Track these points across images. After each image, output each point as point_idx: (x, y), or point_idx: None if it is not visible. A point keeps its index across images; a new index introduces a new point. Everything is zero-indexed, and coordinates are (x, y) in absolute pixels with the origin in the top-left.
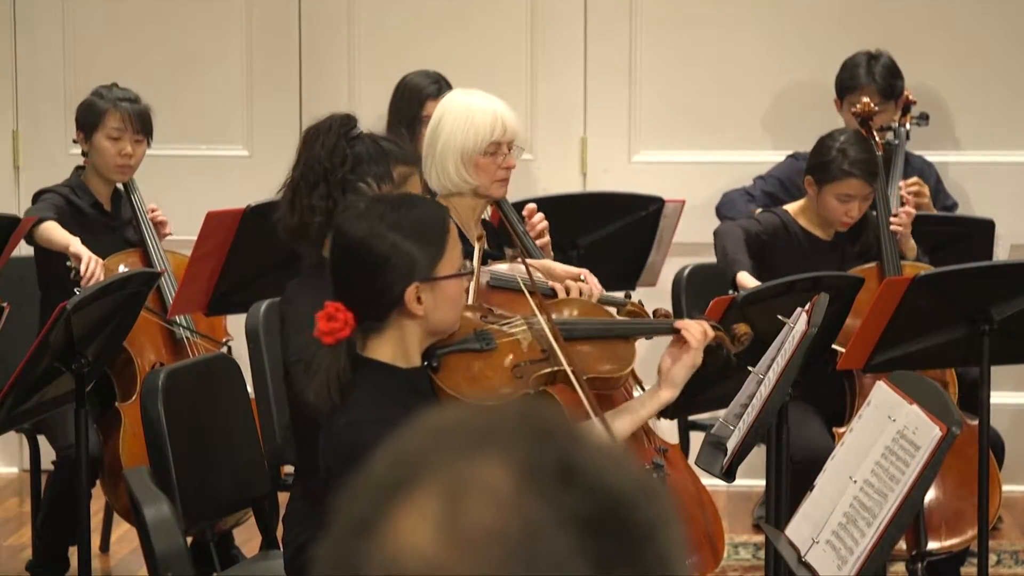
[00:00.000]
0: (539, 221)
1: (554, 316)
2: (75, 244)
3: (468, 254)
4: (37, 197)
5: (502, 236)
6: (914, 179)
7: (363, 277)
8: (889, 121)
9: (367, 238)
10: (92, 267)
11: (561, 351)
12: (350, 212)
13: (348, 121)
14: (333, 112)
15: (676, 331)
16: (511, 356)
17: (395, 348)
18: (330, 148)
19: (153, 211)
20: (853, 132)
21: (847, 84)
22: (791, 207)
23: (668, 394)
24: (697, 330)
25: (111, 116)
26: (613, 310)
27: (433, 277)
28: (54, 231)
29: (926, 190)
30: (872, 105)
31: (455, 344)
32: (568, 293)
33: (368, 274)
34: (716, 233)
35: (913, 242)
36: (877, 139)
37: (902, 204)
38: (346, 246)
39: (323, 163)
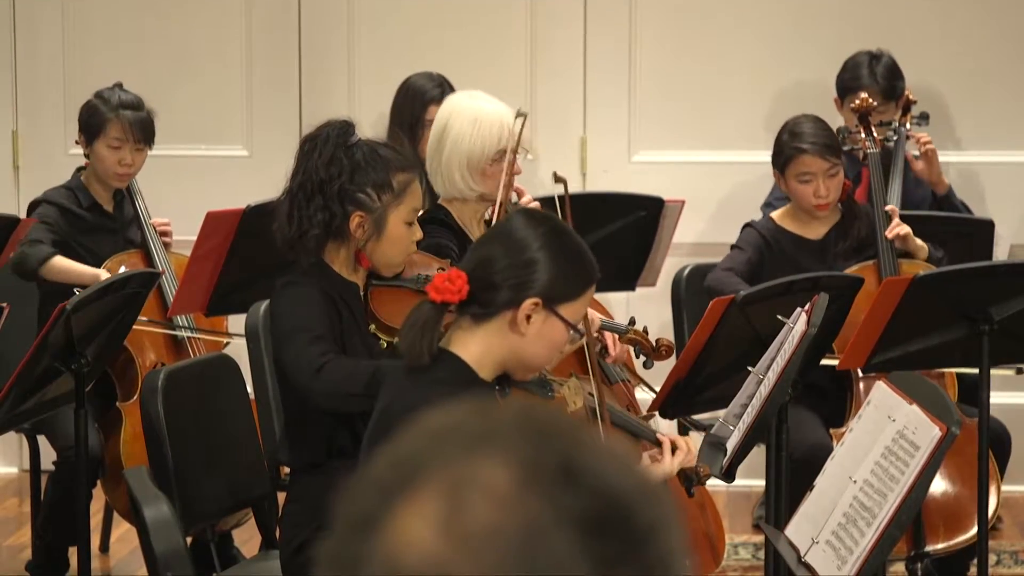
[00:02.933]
0: (529, 201)
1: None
2: (104, 276)
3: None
4: (33, 207)
5: None
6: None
7: (502, 263)
8: (889, 120)
9: (531, 238)
10: None
11: (604, 428)
12: (535, 212)
13: (346, 129)
14: (331, 119)
15: (659, 443)
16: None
17: (479, 352)
18: (327, 159)
19: (162, 225)
20: (803, 114)
21: (849, 85)
22: (777, 213)
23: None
24: (680, 453)
25: (112, 126)
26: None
27: (554, 308)
28: (68, 266)
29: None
30: (870, 100)
31: (527, 383)
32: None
33: (508, 264)
34: (708, 288)
35: (920, 242)
36: (876, 135)
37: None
38: (509, 232)
39: (319, 174)
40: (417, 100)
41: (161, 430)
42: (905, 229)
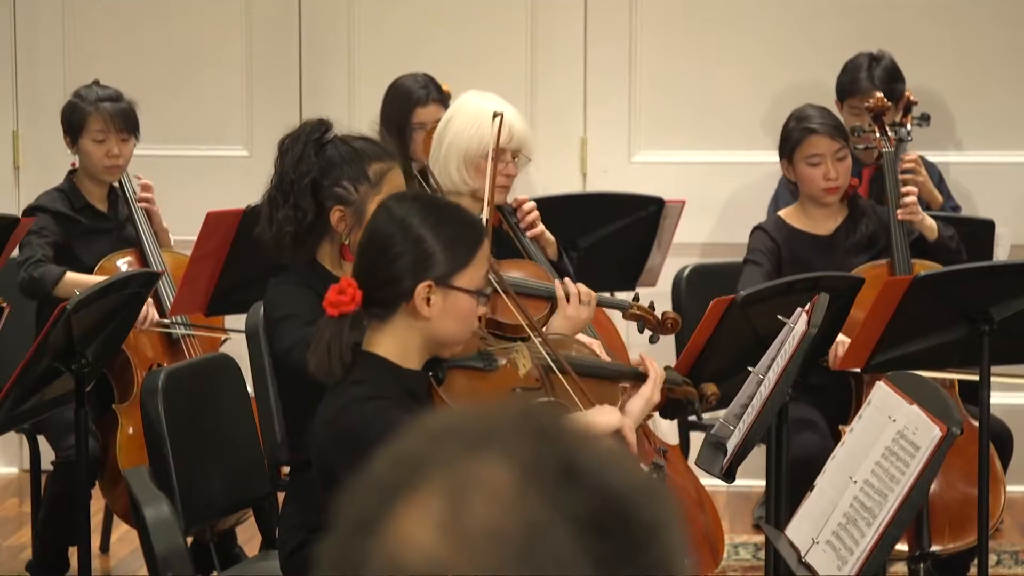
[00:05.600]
0: (529, 210)
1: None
2: None
3: None
4: (27, 214)
5: (501, 238)
6: (913, 156)
7: (381, 262)
8: (891, 121)
9: (398, 226)
10: (145, 310)
11: (557, 385)
12: (393, 199)
13: (320, 127)
14: (307, 119)
15: (639, 376)
16: (509, 380)
17: (396, 346)
18: (296, 158)
19: (144, 190)
20: (808, 104)
21: (848, 87)
22: (784, 211)
23: (614, 418)
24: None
25: (93, 119)
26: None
27: (449, 283)
28: (81, 280)
29: (922, 169)
30: (885, 100)
31: (459, 360)
32: (568, 298)
33: (386, 260)
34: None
35: (929, 220)
36: (890, 135)
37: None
38: (376, 229)
39: (290, 174)
40: (404, 103)
41: (161, 430)
42: (919, 213)
